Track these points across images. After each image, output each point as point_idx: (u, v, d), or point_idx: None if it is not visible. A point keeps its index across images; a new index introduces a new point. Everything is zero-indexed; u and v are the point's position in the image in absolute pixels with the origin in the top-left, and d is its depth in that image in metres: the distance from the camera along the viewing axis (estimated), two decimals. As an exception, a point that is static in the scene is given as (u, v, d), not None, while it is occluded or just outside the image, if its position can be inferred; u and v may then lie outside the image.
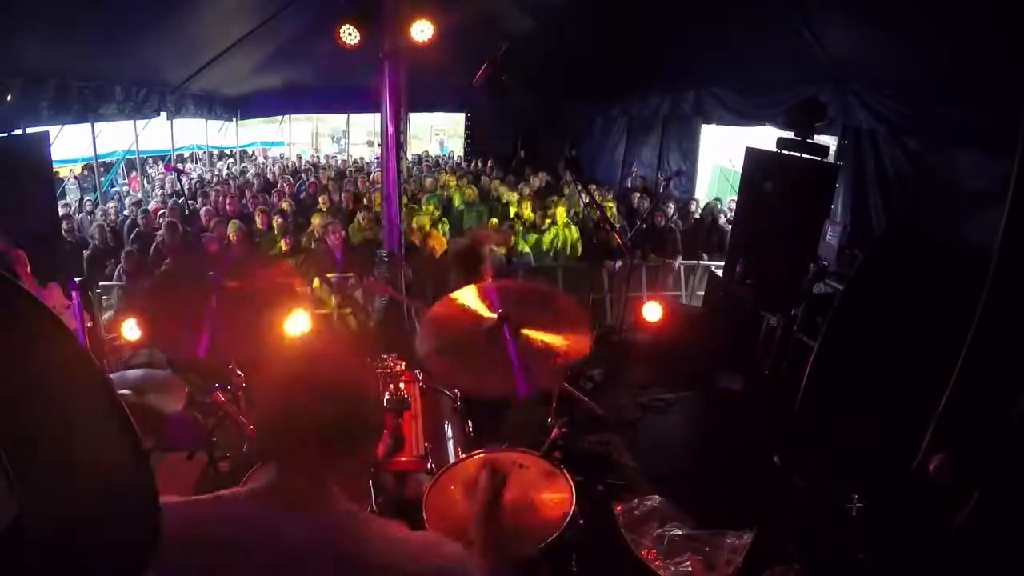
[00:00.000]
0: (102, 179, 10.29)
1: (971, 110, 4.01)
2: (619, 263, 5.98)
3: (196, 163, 12.73)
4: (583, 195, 7.87)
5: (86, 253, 6.13)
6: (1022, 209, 2.52)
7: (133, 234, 6.63)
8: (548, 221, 6.63)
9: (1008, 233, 2.54)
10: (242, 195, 8.22)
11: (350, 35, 4.44)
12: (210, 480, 2.86)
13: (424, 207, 7.05)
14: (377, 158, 10.46)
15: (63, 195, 9.26)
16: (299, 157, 13.30)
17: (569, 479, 1.94)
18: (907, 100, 4.61)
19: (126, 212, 7.93)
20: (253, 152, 14.44)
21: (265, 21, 7.08)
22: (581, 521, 1.88)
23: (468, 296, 1.96)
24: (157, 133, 10.35)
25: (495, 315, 1.85)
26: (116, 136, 10.09)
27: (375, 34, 4.46)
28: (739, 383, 4.52)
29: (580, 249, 6.71)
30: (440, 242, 5.93)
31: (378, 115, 4.84)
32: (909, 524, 2.67)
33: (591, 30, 7.51)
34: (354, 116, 13.50)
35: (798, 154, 4.38)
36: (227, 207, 7.25)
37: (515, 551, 1.63)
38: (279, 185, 9.22)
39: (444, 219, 7.00)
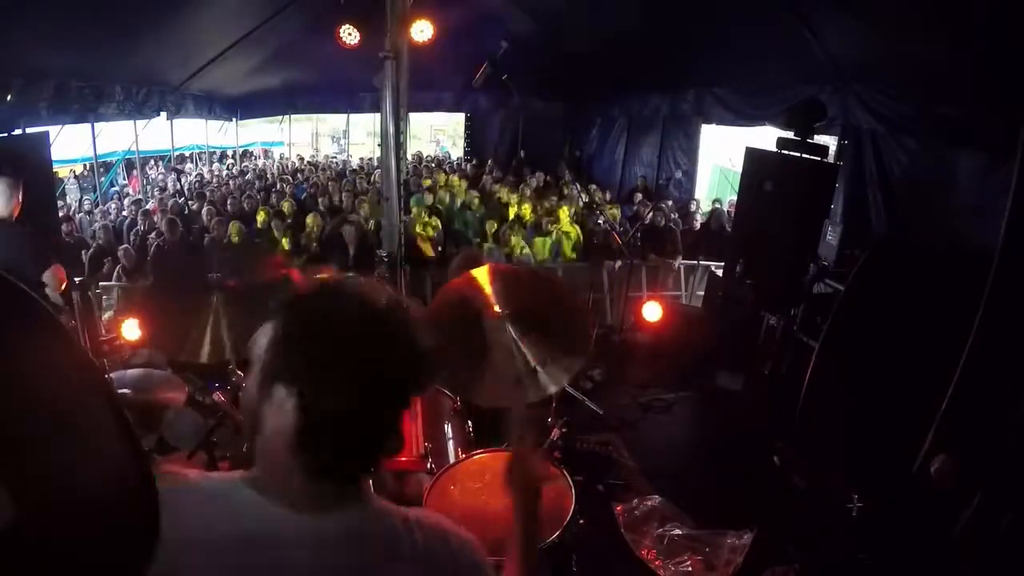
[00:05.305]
0: (102, 179, 10.29)
1: (971, 110, 4.01)
2: (619, 263, 5.98)
3: (196, 163, 12.73)
4: (583, 196, 7.92)
5: (86, 253, 6.13)
6: (1022, 209, 2.51)
7: (132, 233, 6.64)
8: (550, 220, 6.62)
9: (1009, 233, 2.54)
10: (242, 195, 8.23)
11: (350, 35, 4.45)
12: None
13: (415, 208, 6.99)
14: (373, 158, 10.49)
15: (63, 195, 9.26)
16: (300, 158, 13.31)
17: (569, 479, 1.94)
18: (907, 100, 4.61)
19: (125, 212, 7.94)
20: (254, 152, 14.45)
21: (265, 21, 7.08)
22: (581, 521, 1.88)
23: (470, 284, 1.93)
24: (157, 133, 10.35)
25: (498, 312, 1.84)
26: (116, 136, 10.10)
27: (375, 34, 4.45)
28: (739, 383, 4.52)
29: (580, 249, 6.69)
30: (428, 246, 5.92)
31: (378, 115, 4.84)
32: (910, 525, 2.67)
33: (591, 30, 7.50)
34: (354, 116, 13.48)
35: (798, 154, 4.37)
36: (227, 207, 7.27)
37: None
38: (279, 185, 9.23)
39: (435, 218, 6.97)
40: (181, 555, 0.76)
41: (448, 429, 2.52)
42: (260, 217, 6.78)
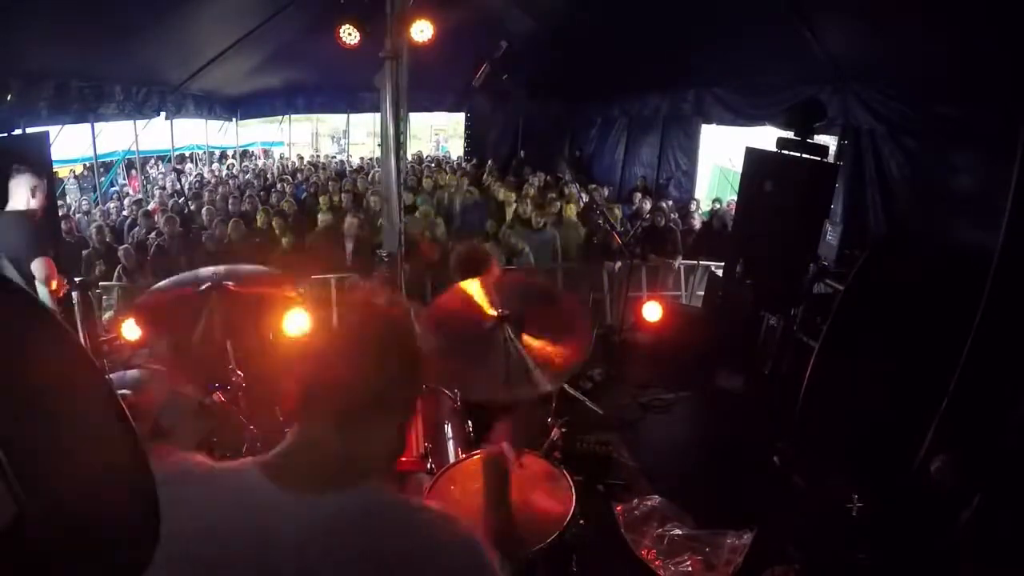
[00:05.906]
0: (102, 179, 10.29)
1: (971, 110, 4.01)
2: (619, 263, 5.98)
3: (196, 163, 12.73)
4: (583, 195, 7.91)
5: (84, 253, 6.13)
6: (1022, 209, 2.52)
7: (132, 234, 6.64)
8: (544, 220, 6.60)
9: (1009, 233, 2.54)
10: (243, 195, 8.24)
11: (350, 35, 4.45)
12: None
13: (419, 211, 6.97)
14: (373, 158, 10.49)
15: (63, 195, 9.26)
16: (300, 158, 13.31)
17: (569, 479, 1.94)
18: (907, 100, 4.61)
19: (125, 212, 7.94)
20: (254, 152, 14.45)
21: (265, 21, 7.08)
22: (581, 521, 1.88)
23: (470, 291, 1.95)
24: (157, 133, 10.35)
25: (496, 313, 1.85)
26: (116, 136, 10.10)
27: (375, 34, 4.46)
28: (739, 383, 4.51)
29: (582, 248, 6.68)
30: (431, 248, 5.92)
31: (378, 115, 4.84)
32: (910, 525, 2.67)
33: (591, 30, 7.50)
34: (354, 116, 13.49)
35: (798, 154, 4.37)
36: (227, 207, 7.27)
37: (517, 551, 1.63)
38: (279, 185, 9.23)
39: (439, 219, 6.96)
40: (183, 547, 0.78)
41: (448, 429, 2.52)
42: (260, 217, 6.78)
